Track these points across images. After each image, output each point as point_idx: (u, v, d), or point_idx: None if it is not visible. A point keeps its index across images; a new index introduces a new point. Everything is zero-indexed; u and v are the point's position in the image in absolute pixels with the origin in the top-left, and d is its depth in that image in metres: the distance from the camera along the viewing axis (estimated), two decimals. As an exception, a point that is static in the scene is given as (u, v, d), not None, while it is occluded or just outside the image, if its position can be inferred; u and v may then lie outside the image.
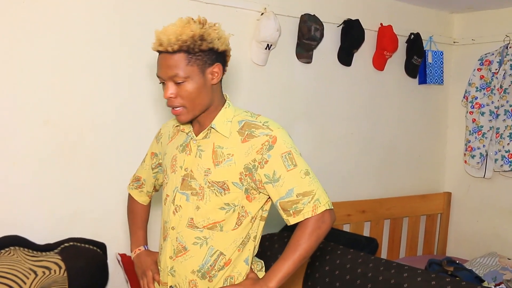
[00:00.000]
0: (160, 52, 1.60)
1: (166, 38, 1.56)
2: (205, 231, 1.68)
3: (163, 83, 1.63)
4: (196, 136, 1.72)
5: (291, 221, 1.67)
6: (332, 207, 1.68)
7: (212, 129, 1.69)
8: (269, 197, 1.71)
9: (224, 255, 1.70)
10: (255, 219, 1.74)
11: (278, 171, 1.63)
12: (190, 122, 1.74)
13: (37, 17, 2.53)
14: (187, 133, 1.75)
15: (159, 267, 1.83)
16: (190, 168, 1.70)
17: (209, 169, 1.66)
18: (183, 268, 1.71)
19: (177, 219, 1.72)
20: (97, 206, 2.76)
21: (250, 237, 1.74)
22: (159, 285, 1.84)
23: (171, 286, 1.76)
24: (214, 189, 1.65)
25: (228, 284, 1.72)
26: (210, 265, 1.69)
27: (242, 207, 1.69)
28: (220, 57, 1.66)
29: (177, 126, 1.80)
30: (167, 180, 1.77)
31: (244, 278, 1.74)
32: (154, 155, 1.95)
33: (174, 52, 1.56)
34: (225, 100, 1.74)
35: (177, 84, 1.59)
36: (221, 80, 1.70)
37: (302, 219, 1.65)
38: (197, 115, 1.67)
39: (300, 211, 1.64)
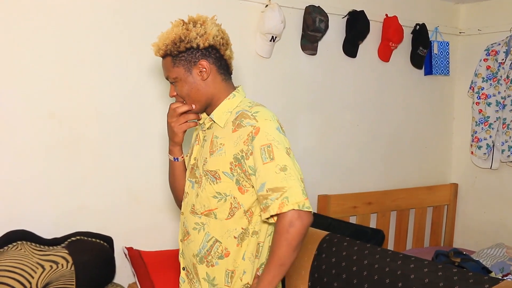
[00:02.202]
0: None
1: (156, 44, 1.72)
2: (203, 218, 1.76)
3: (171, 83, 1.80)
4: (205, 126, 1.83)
5: (262, 216, 1.63)
6: (308, 210, 1.57)
7: (211, 120, 1.78)
8: None
9: (220, 242, 1.73)
10: (253, 214, 1.72)
11: (256, 163, 1.61)
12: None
13: (41, 10, 2.53)
14: (200, 124, 1.86)
15: None
16: (197, 157, 1.81)
17: (207, 158, 1.73)
18: (188, 251, 1.81)
19: (185, 205, 1.85)
20: (103, 200, 2.76)
21: (249, 232, 1.73)
22: None
23: (183, 267, 1.88)
24: (208, 178, 1.71)
25: (229, 278, 1.74)
26: (207, 251, 1.75)
27: (234, 198, 1.69)
28: (206, 53, 1.71)
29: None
30: (188, 168, 1.89)
31: (251, 279, 1.74)
32: None
33: (163, 56, 1.74)
34: (231, 91, 1.79)
35: (173, 84, 1.77)
36: (223, 73, 1.77)
37: (269, 216, 1.59)
38: (203, 108, 1.78)
39: (267, 207, 1.58)
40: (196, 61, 1.70)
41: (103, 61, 2.71)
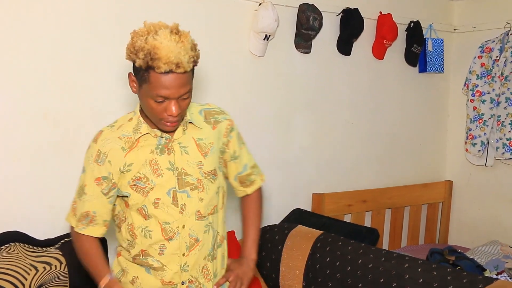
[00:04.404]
0: (170, 72, 1.53)
1: (182, 58, 1.52)
2: (210, 217, 1.82)
3: (162, 102, 1.59)
4: (172, 136, 1.75)
5: (249, 191, 1.98)
6: None
7: (189, 124, 1.77)
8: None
9: (218, 233, 1.88)
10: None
11: (237, 149, 1.89)
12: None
13: (35, 11, 2.51)
14: (159, 136, 1.73)
15: (160, 267, 1.79)
16: (181, 166, 1.75)
17: (201, 161, 1.77)
18: (199, 257, 1.80)
19: (186, 217, 1.76)
20: (97, 201, 2.75)
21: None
22: None
23: (182, 282, 1.79)
24: (210, 178, 1.79)
25: (224, 261, 1.93)
26: (213, 246, 1.85)
27: (222, 187, 1.88)
28: None
29: (128, 137, 1.73)
30: (152, 185, 1.73)
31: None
32: (103, 179, 1.74)
33: (189, 70, 1.58)
34: None
35: (182, 99, 1.61)
36: None
37: (257, 187, 2.00)
38: None
39: (253, 182, 1.98)
40: None
41: (98, 62, 2.69)
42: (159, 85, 1.54)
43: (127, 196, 1.75)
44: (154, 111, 1.61)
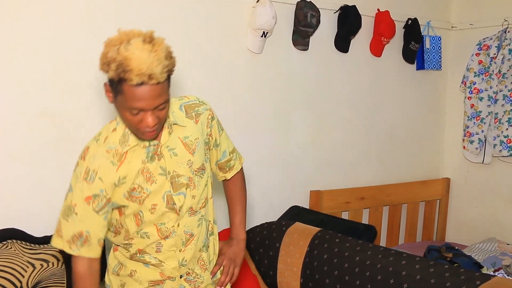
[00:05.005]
0: (143, 84, 1.46)
1: (155, 70, 1.45)
2: (202, 211, 1.84)
3: (137, 114, 1.53)
4: (158, 140, 1.70)
5: (228, 176, 2.00)
6: None
7: (174, 125, 1.72)
8: None
9: (210, 221, 1.92)
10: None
11: (217, 137, 1.90)
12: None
13: (35, 10, 2.50)
14: (147, 146, 1.69)
15: (158, 263, 1.80)
16: (172, 169, 1.73)
17: (190, 160, 1.76)
18: (193, 252, 1.82)
19: (181, 216, 1.77)
20: (94, 198, 2.74)
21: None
22: None
23: (181, 275, 1.83)
24: (199, 174, 1.80)
25: (216, 247, 1.98)
26: (206, 236, 1.89)
27: (209, 176, 1.89)
28: None
29: (115, 149, 1.67)
30: (147, 193, 1.70)
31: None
32: (94, 197, 1.66)
33: (163, 81, 1.50)
34: None
35: (158, 110, 1.54)
36: None
37: (235, 172, 2.01)
38: None
39: (233, 167, 2.00)
40: None
41: (95, 60, 2.63)
42: (133, 97, 1.48)
43: (124, 206, 1.72)
44: (130, 122, 1.55)
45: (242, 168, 2.06)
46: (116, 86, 1.50)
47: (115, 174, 1.66)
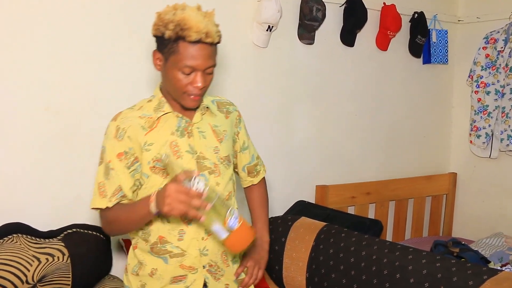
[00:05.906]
0: (199, 42, 1.58)
1: (211, 29, 1.59)
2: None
3: (188, 74, 1.63)
4: (191, 120, 1.78)
5: (256, 181, 2.06)
6: None
7: (206, 110, 1.82)
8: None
9: None
10: None
11: (246, 140, 1.97)
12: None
13: (38, 4, 2.50)
14: (180, 117, 1.75)
15: (180, 253, 1.77)
16: (199, 150, 1.77)
17: (217, 147, 1.81)
18: (216, 242, 1.79)
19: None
20: (99, 192, 2.74)
21: None
22: None
23: (203, 265, 1.80)
24: (225, 164, 1.83)
25: None
26: None
27: (234, 175, 1.93)
28: None
29: (149, 116, 1.73)
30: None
31: None
32: (124, 154, 1.71)
33: (216, 43, 1.64)
34: None
35: (206, 74, 1.66)
36: None
37: (262, 177, 2.08)
38: None
39: (259, 171, 2.06)
40: None
41: (99, 54, 2.68)
42: (188, 55, 1.58)
43: (145, 178, 1.73)
44: (179, 83, 1.64)
45: (264, 178, 2.12)
46: (171, 46, 1.60)
47: (143, 138, 1.72)
